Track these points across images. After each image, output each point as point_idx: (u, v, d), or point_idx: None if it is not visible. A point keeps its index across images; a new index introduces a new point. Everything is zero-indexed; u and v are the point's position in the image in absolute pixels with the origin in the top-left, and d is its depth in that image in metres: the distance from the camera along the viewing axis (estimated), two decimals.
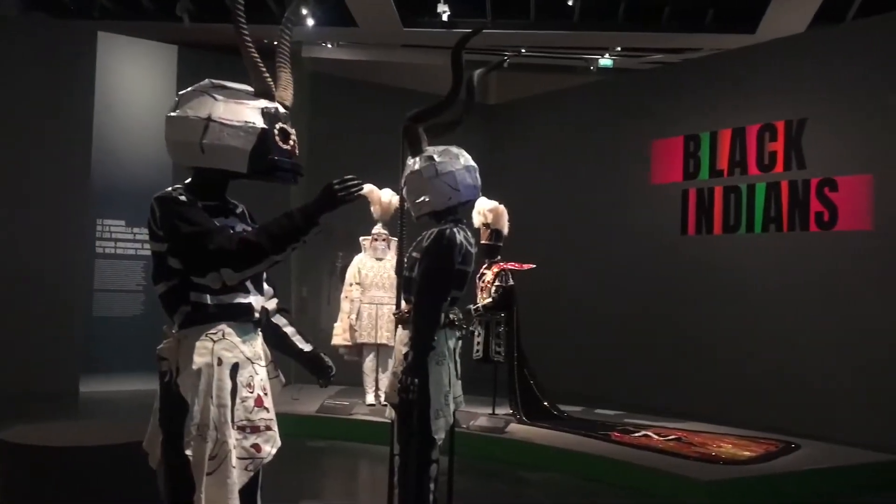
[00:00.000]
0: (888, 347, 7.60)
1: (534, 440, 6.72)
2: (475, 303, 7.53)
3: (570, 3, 10.07)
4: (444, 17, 10.05)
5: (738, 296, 8.82)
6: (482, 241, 7.56)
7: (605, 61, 13.05)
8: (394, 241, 7.99)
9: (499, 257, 7.61)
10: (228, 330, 2.56)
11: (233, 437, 2.49)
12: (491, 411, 7.57)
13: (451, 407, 3.66)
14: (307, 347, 2.96)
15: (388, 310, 7.70)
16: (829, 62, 8.37)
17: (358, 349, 8.03)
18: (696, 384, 9.00)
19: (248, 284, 2.63)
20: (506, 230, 7.59)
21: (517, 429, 7.01)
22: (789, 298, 8.41)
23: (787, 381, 8.28)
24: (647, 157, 9.91)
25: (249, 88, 2.64)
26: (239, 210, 2.79)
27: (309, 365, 2.97)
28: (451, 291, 3.57)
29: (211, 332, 2.53)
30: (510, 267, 7.55)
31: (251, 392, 2.58)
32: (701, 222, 9.35)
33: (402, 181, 3.81)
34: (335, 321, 8.13)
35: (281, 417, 2.79)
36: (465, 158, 3.75)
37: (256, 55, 2.60)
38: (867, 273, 7.87)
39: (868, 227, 7.93)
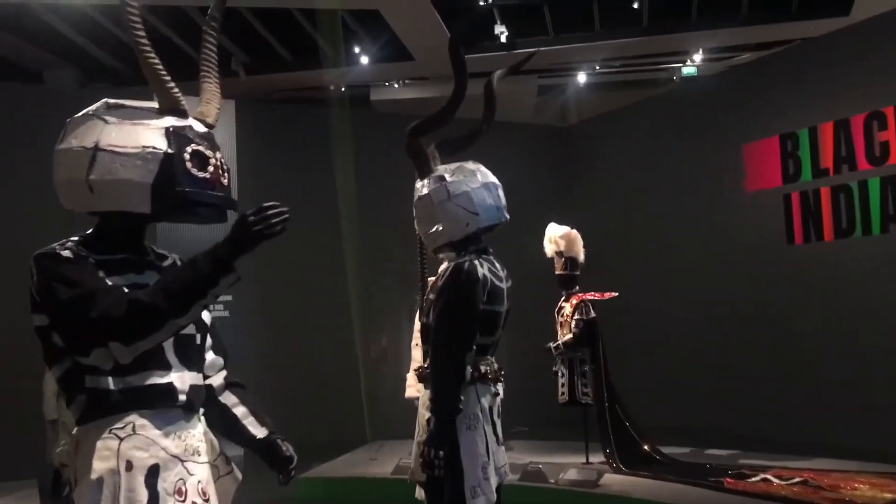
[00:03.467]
0: None
1: (632, 493, 5.88)
2: (555, 340, 6.83)
3: (635, 6, 9.30)
4: (503, 39, 9.48)
5: (860, 307, 7.75)
6: (556, 272, 6.88)
7: (689, 69, 12.15)
8: None
9: (576, 287, 6.89)
10: (141, 422, 1.96)
11: None
12: (584, 460, 6.78)
13: (494, 481, 2.98)
14: (260, 433, 2.32)
15: None
16: None
17: None
18: (816, 413, 7.92)
19: (171, 357, 2.03)
20: (581, 257, 6.86)
21: (613, 480, 6.19)
22: None
23: None
24: (738, 163, 8.98)
25: (155, 105, 2.09)
26: (167, 262, 2.23)
27: (263, 454, 2.32)
28: (475, 337, 2.91)
29: (116, 426, 1.94)
30: (590, 297, 6.81)
31: (182, 501, 1.97)
32: (808, 228, 8.33)
33: (414, 209, 3.20)
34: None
35: (353, 481, 2.14)
36: (483, 174, 3.11)
37: (155, 59, 2.04)
38: None
39: None
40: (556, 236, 6.86)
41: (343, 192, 9.40)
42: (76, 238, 2.03)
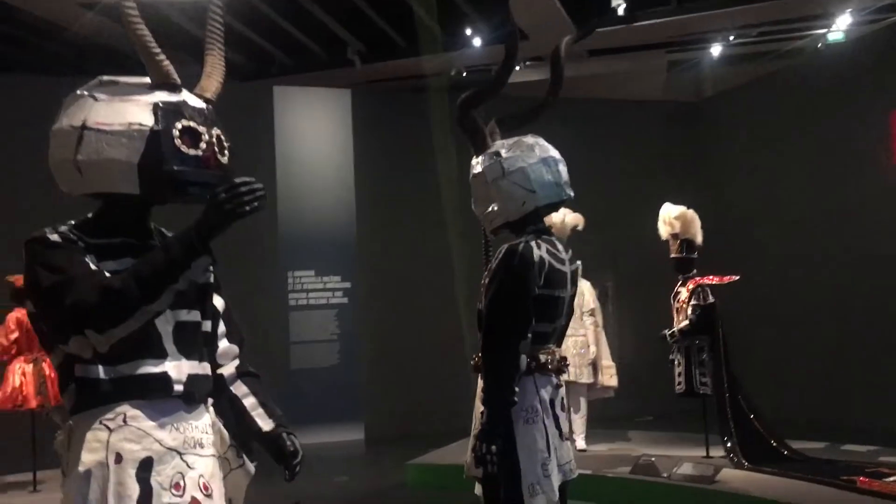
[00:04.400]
0: None
1: (752, 491, 5.46)
2: (671, 326, 6.47)
3: None
4: (621, 11, 9.04)
5: None
6: (672, 255, 6.50)
7: (835, 35, 11.21)
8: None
9: (694, 271, 6.48)
10: (133, 412, 1.88)
11: None
12: (704, 454, 6.39)
13: (556, 479, 2.77)
14: (267, 425, 2.20)
15: (574, 342, 6.88)
16: None
17: None
18: None
19: (167, 345, 1.94)
20: (699, 239, 6.45)
21: (732, 476, 5.78)
22: None
23: None
24: (885, 134, 8.19)
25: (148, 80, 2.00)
26: None
27: (269, 448, 2.22)
28: (529, 324, 2.71)
29: (107, 417, 1.87)
30: (708, 281, 6.39)
31: (179, 495, 1.89)
32: None
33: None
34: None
35: (448, 469, 2.04)
36: (542, 148, 2.89)
37: (144, 31, 1.93)
38: None
39: None
40: (671, 217, 6.48)
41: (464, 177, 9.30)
42: (73, 221, 1.98)
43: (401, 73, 10.33)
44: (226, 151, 2.02)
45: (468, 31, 9.51)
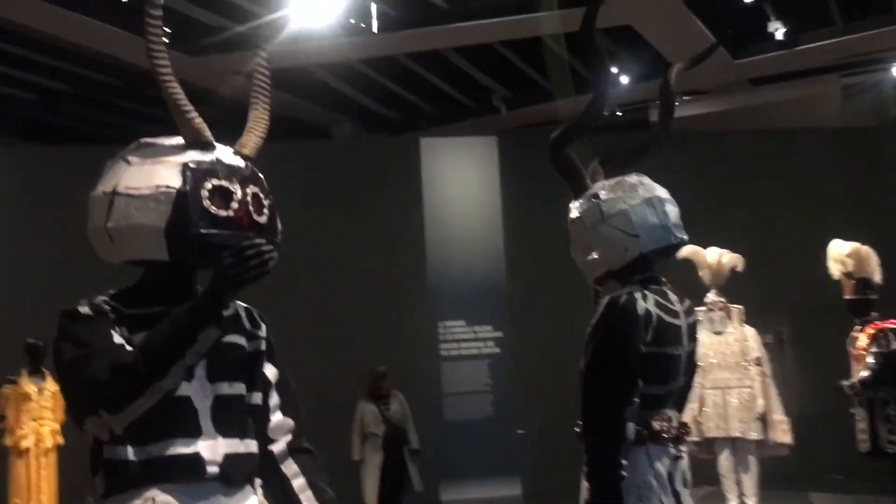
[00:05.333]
0: None
1: None
2: (847, 376, 5.78)
3: None
4: (779, 36, 8.44)
5: None
6: (846, 297, 5.85)
7: None
8: (735, 310, 6.60)
9: (873, 314, 5.77)
10: (163, 498, 1.74)
11: None
12: None
13: None
14: None
15: (739, 395, 6.35)
16: None
17: (708, 445, 6.62)
18: None
19: (203, 422, 1.80)
20: (877, 277, 5.78)
21: None
22: None
23: None
24: None
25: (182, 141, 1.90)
26: (226, 313, 1.87)
27: None
28: (634, 387, 2.38)
29: (135, 502, 1.74)
30: (891, 325, 5.66)
31: None
32: None
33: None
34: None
35: None
36: (647, 188, 2.56)
37: (176, 87, 1.84)
38: None
39: None
40: (842, 255, 5.85)
41: None
42: (114, 291, 1.89)
43: (547, 116, 10.17)
44: (264, 210, 1.89)
45: (615, 69, 9.22)
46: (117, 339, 1.75)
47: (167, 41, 1.87)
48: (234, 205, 1.82)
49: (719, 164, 9.27)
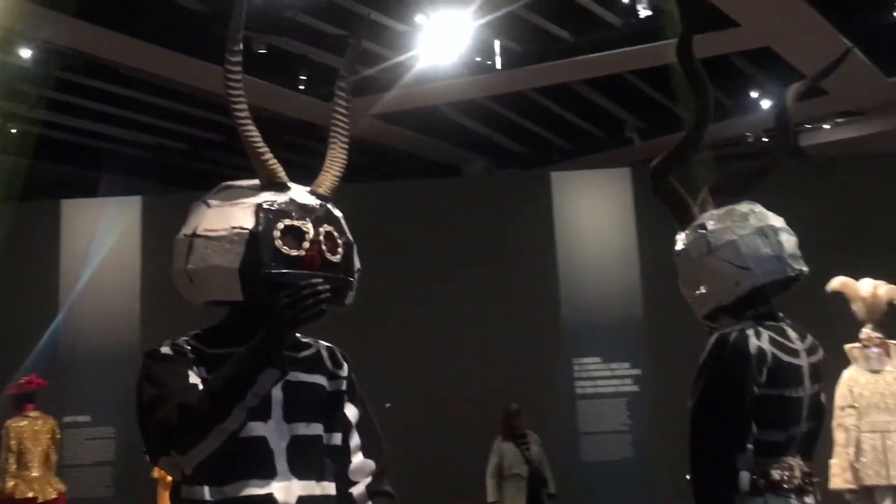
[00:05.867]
0: None
1: None
2: None
3: None
4: None
5: None
6: None
7: None
8: (894, 346, 6.07)
9: None
10: None
11: None
12: None
13: None
14: None
15: None
16: None
17: (867, 493, 6.07)
18: None
19: (279, 463, 1.79)
20: None
21: None
22: None
23: None
24: None
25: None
26: (307, 352, 1.97)
27: None
28: (748, 432, 2.18)
29: None
30: None
31: None
32: None
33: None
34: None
35: None
36: (759, 217, 2.37)
37: (252, 129, 1.88)
38: None
39: None
40: None
41: None
42: (198, 331, 1.93)
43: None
44: (339, 249, 1.89)
45: (754, 94, 8.82)
46: (193, 378, 1.79)
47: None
48: (306, 244, 1.84)
49: (874, 188, 8.63)
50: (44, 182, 9.88)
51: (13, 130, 9.10)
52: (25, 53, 7.48)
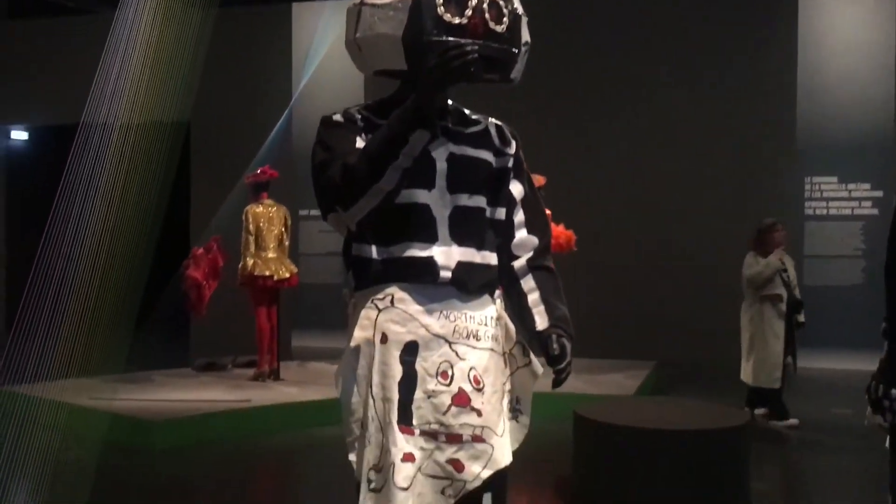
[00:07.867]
0: None
1: None
2: None
3: None
4: None
5: None
6: None
7: None
8: None
9: None
10: (401, 295, 1.85)
11: (405, 443, 1.76)
12: None
13: None
14: (543, 323, 1.93)
15: None
16: None
17: None
18: None
19: (441, 230, 1.85)
20: None
21: None
22: None
23: None
24: None
25: None
26: (475, 128, 1.96)
27: (540, 349, 1.93)
28: None
29: (377, 297, 1.87)
30: None
31: (446, 384, 1.81)
32: None
33: None
34: None
35: None
36: None
37: None
38: None
39: None
40: None
41: None
42: (371, 102, 1.97)
43: None
44: (504, 19, 1.82)
45: None
46: (360, 144, 1.85)
47: None
48: (469, 12, 1.78)
49: None
50: None
51: None
52: None
